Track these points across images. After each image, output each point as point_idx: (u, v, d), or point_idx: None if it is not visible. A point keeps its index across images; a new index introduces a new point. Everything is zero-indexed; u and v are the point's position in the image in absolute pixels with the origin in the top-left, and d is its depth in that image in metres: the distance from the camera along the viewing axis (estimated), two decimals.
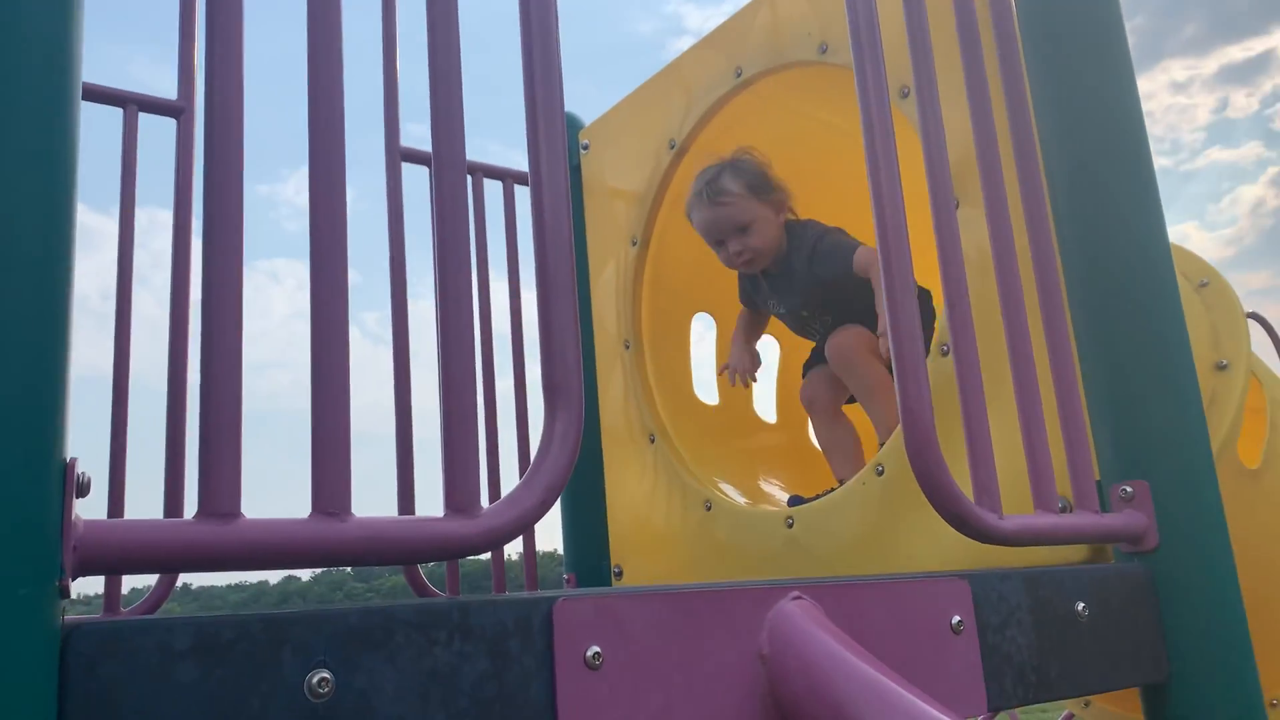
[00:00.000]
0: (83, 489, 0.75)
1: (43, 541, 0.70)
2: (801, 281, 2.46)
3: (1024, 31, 1.64)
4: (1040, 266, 1.49)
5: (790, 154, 2.56)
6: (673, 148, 2.55)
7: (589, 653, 0.94)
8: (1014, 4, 1.64)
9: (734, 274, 2.83)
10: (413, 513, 1.83)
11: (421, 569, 2.51)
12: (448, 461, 0.92)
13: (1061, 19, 1.63)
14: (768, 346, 2.93)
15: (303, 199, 0.93)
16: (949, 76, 1.54)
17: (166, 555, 0.78)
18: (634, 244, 2.64)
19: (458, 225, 0.99)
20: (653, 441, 2.52)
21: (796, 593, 1.08)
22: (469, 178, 2.74)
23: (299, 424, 0.93)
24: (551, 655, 0.92)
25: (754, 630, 1.05)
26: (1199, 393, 1.52)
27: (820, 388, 2.49)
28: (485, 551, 0.93)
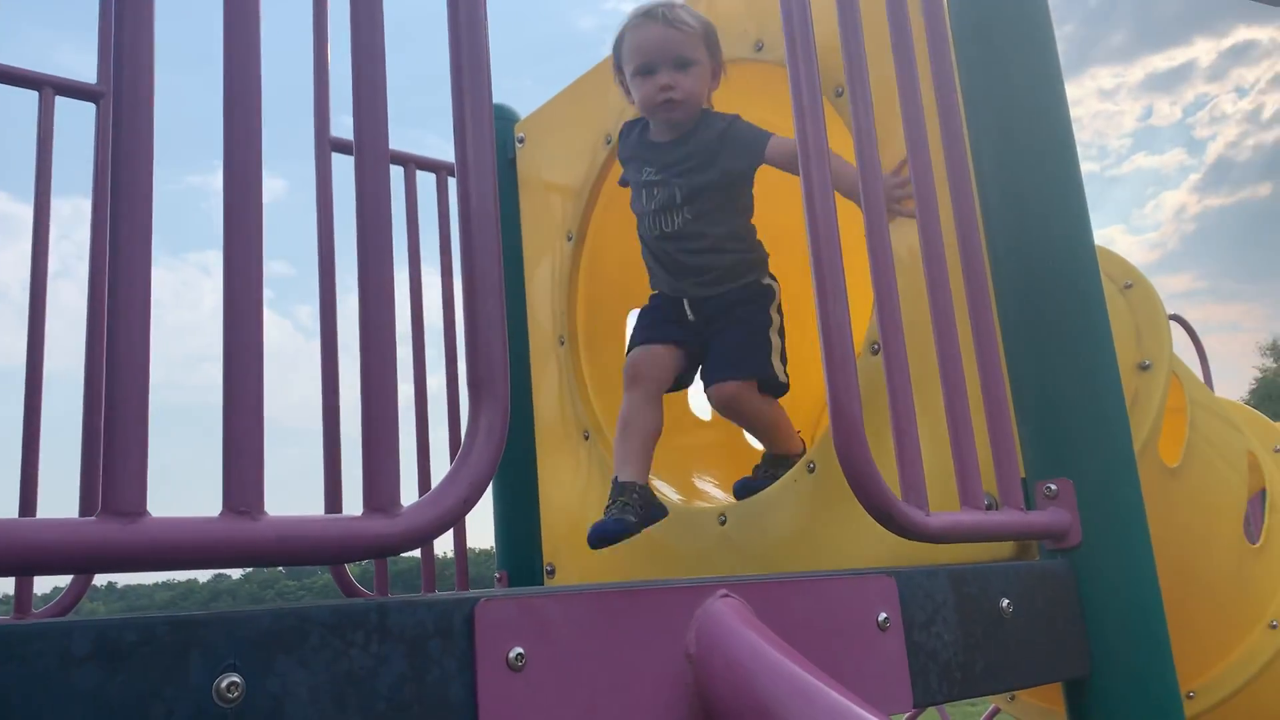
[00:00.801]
0: None
1: None
2: (694, 162, 2.28)
3: (955, 33, 1.66)
4: (968, 267, 1.50)
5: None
6: (609, 143, 2.53)
7: (511, 654, 0.92)
8: (946, 5, 1.66)
9: None
10: (340, 511, 1.80)
11: (350, 568, 2.47)
12: (367, 459, 0.89)
13: (993, 22, 1.64)
14: None
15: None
16: (884, 75, 1.55)
17: (65, 556, 0.75)
18: (569, 239, 2.62)
19: (379, 216, 0.96)
20: (586, 438, 2.50)
21: (724, 591, 1.08)
22: (402, 169, 2.70)
23: None
24: (473, 656, 0.90)
25: (681, 629, 1.04)
26: (1122, 393, 1.55)
27: (654, 369, 2.29)
28: (404, 552, 0.91)
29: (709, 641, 1.02)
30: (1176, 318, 5.32)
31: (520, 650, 0.93)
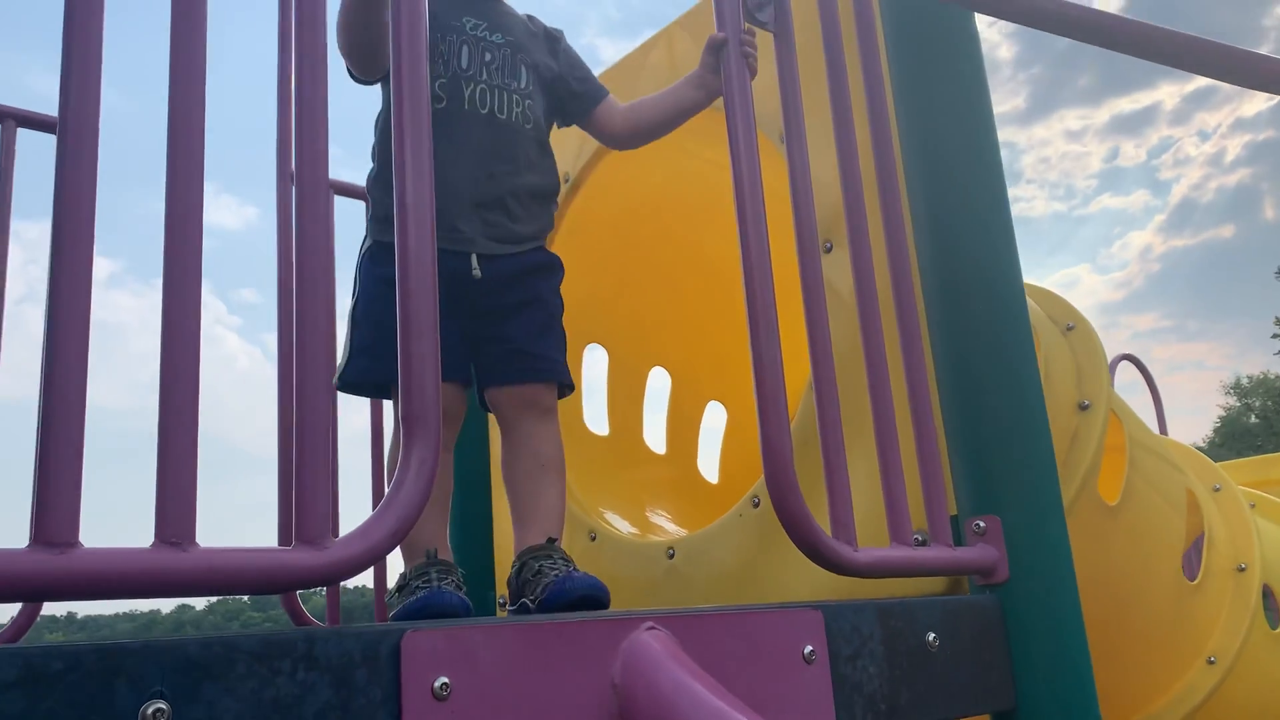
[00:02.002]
0: None
1: None
2: (534, 41, 1.87)
3: (894, 83, 1.72)
4: (901, 310, 1.55)
5: (680, 191, 2.62)
6: (567, 181, 2.58)
7: (437, 683, 0.95)
8: (883, 51, 1.72)
9: (633, 302, 2.88)
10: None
11: (303, 599, 2.48)
12: (298, 490, 0.92)
13: (929, 72, 1.71)
14: (659, 377, 2.97)
15: (208, 218, 0.94)
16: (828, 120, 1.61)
17: None
18: None
19: (316, 246, 1.00)
20: None
21: (650, 624, 1.11)
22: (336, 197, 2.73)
23: (201, 447, 0.91)
24: (399, 686, 0.93)
25: (607, 660, 1.07)
26: (1049, 433, 1.60)
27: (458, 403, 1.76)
28: (332, 584, 0.93)
29: (633, 672, 1.05)
30: (1130, 357, 5.45)
31: (446, 680, 0.95)
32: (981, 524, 1.52)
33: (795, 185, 1.45)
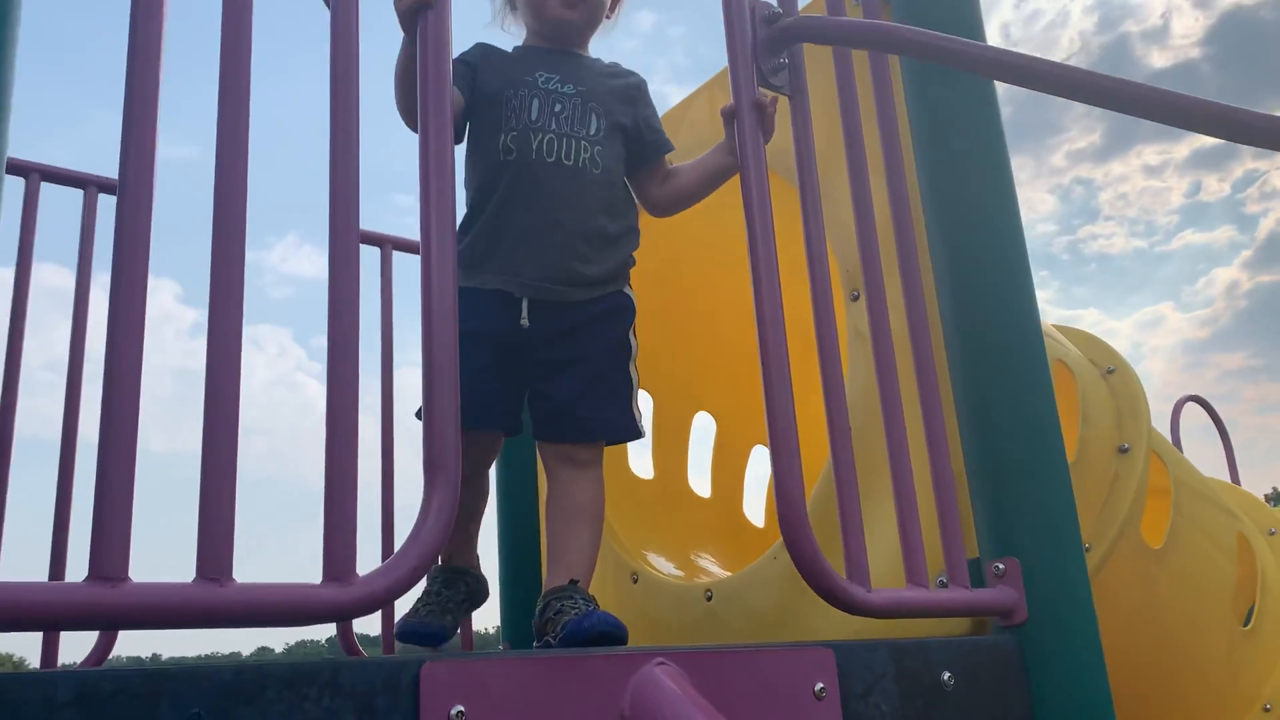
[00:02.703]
0: None
1: None
2: (609, 88, 1.92)
3: (914, 136, 1.78)
4: (919, 356, 1.60)
5: (721, 240, 2.69)
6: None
7: (453, 711, 1.02)
8: (902, 94, 1.78)
9: (677, 349, 2.95)
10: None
11: (357, 630, 2.59)
12: (327, 529, 1.01)
13: (946, 125, 1.76)
14: (703, 422, 3.03)
15: (288, 266, 1.05)
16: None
17: (54, 615, 0.87)
18: None
19: (347, 293, 1.09)
20: None
21: (661, 659, 1.17)
22: (379, 249, 2.85)
23: (276, 490, 1.01)
24: (417, 713, 1.00)
25: (617, 693, 1.13)
26: (1068, 476, 1.63)
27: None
28: (358, 617, 1.01)
29: (642, 705, 1.11)
30: (1197, 399, 5.35)
31: (461, 708, 1.02)
32: (1001, 566, 1.55)
33: (810, 241, 1.52)
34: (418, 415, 1.67)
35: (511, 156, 1.78)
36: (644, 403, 2.97)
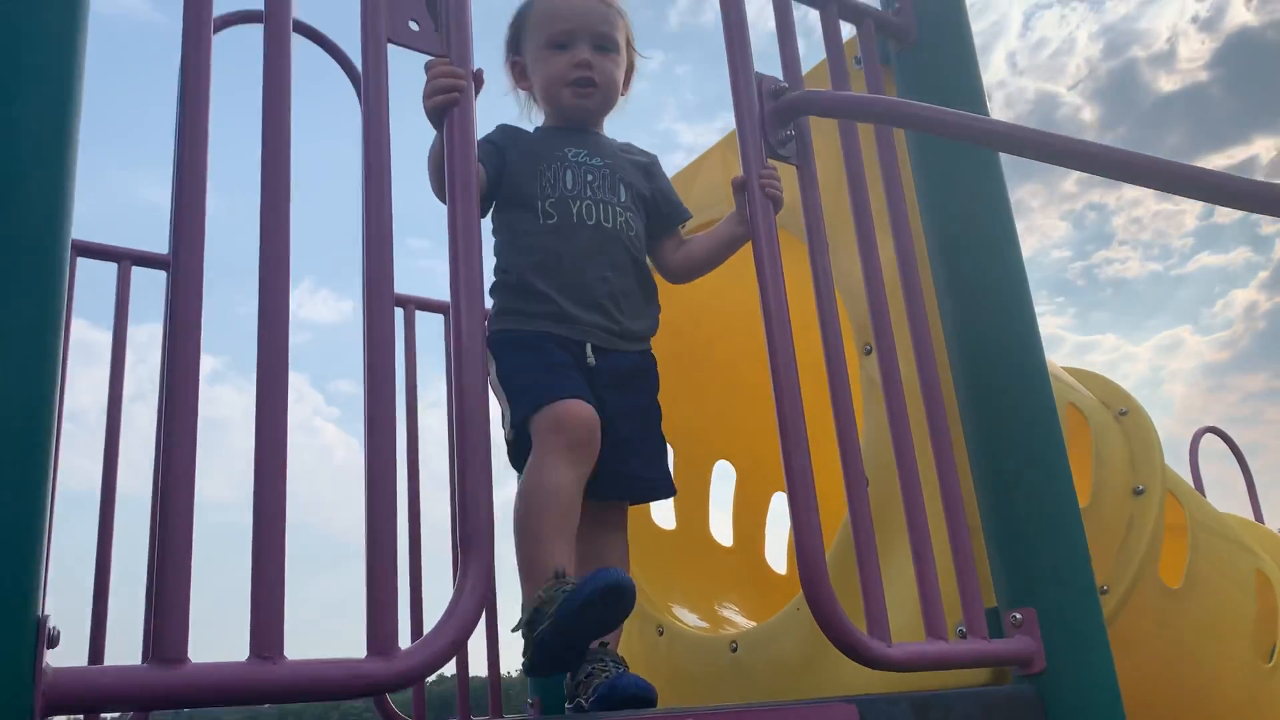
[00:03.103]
0: (53, 641, 0.90)
1: (17, 689, 0.84)
2: (630, 162, 2.03)
3: (919, 192, 1.85)
4: (932, 411, 1.65)
5: (736, 293, 2.75)
6: None
7: None
8: (907, 156, 1.85)
9: (696, 400, 3.00)
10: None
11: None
12: (370, 605, 1.06)
13: (949, 185, 1.83)
14: (724, 471, 3.08)
15: (305, 312, 1.11)
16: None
17: (123, 698, 0.92)
18: None
19: (383, 363, 1.15)
20: None
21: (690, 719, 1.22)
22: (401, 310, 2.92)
23: (293, 534, 1.07)
24: None
25: None
26: (1081, 525, 1.67)
27: (595, 439, 1.80)
28: (399, 690, 1.07)
29: None
30: (1216, 430, 5.36)
31: None
32: (1018, 616, 1.59)
33: (820, 302, 1.58)
34: (513, 429, 1.69)
35: (553, 221, 1.88)
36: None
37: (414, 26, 1.30)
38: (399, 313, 2.95)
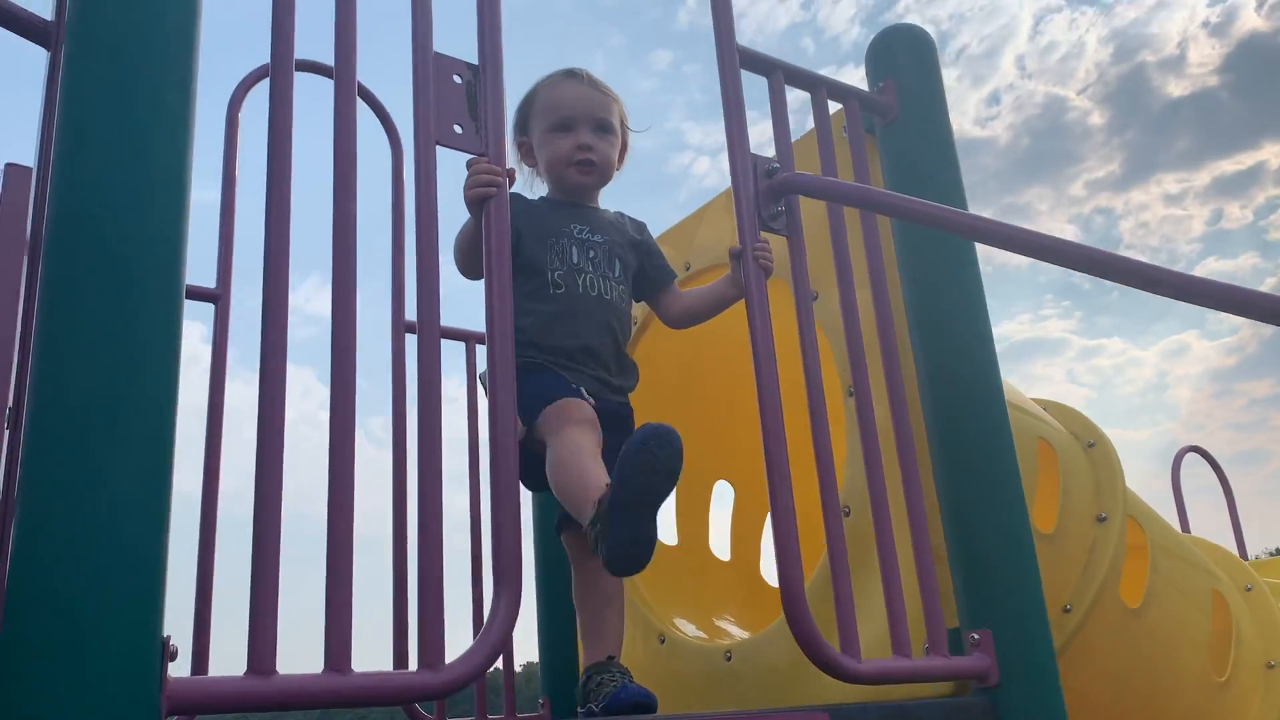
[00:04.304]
0: (173, 656, 1.13)
1: (147, 697, 1.06)
2: (623, 237, 2.28)
3: (899, 253, 2.07)
4: (903, 451, 1.87)
5: (736, 324, 2.97)
6: (635, 323, 2.96)
7: None
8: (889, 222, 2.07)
9: (698, 421, 3.22)
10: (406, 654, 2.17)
11: None
12: (421, 624, 1.29)
13: (925, 251, 2.05)
14: (721, 491, 3.30)
15: (312, 307, 1.33)
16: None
17: (225, 703, 1.15)
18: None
19: (433, 394, 1.37)
20: None
21: None
22: (463, 344, 3.14)
23: (289, 526, 1.27)
24: None
25: None
26: (1034, 554, 1.89)
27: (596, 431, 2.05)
28: (446, 697, 1.29)
29: None
30: (1197, 449, 5.56)
31: None
32: (975, 636, 1.81)
33: (806, 359, 1.80)
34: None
35: (561, 291, 2.16)
36: None
37: (458, 129, 1.52)
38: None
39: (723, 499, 3.29)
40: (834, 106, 2.10)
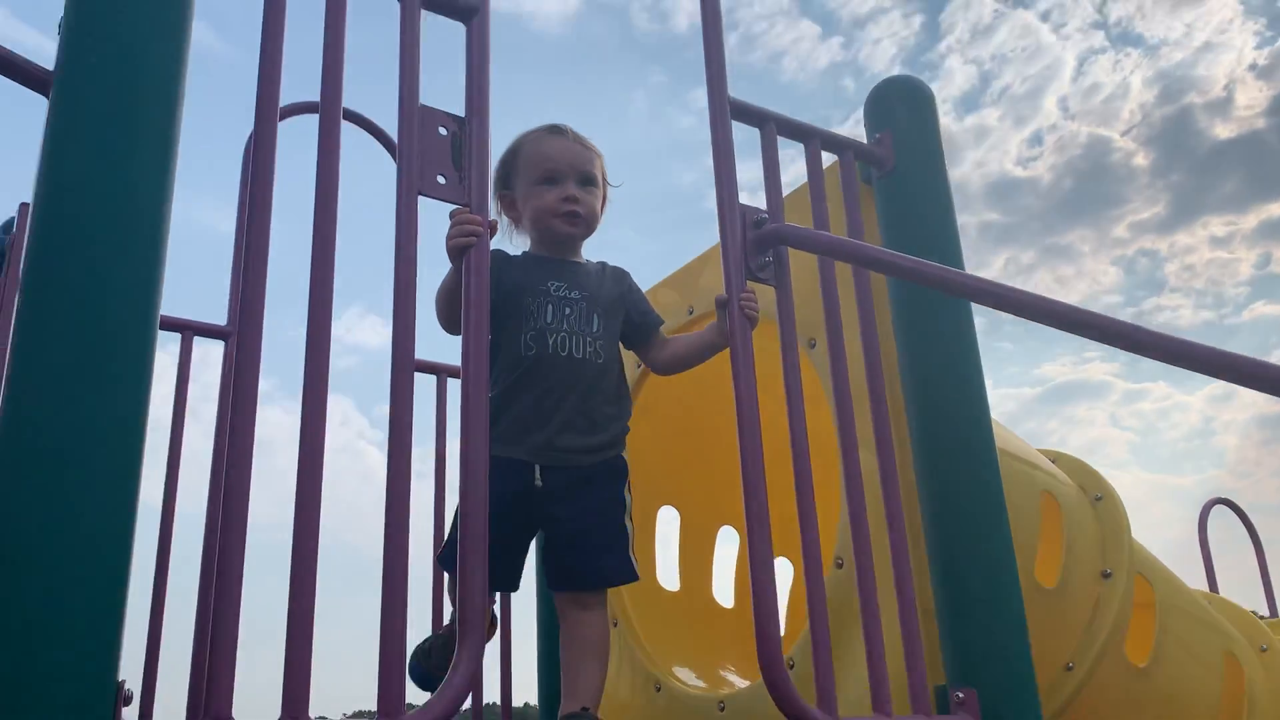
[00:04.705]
0: (127, 700, 1.14)
1: None
2: (604, 290, 2.29)
3: (892, 304, 2.06)
4: (889, 506, 1.86)
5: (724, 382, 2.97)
6: (639, 368, 2.97)
7: None
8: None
9: (703, 467, 3.21)
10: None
11: None
12: (382, 673, 1.29)
13: (919, 303, 2.04)
14: (727, 536, 3.28)
15: (352, 337, 1.38)
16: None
17: None
18: None
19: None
20: (615, 625, 2.85)
21: None
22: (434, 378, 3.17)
23: (330, 556, 1.30)
24: None
25: None
26: (1023, 616, 1.86)
27: None
28: None
29: None
30: (1225, 501, 5.46)
31: None
32: (960, 694, 1.78)
33: (790, 406, 1.80)
34: (441, 560, 1.98)
35: (532, 352, 2.16)
36: (670, 517, 3.24)
37: (441, 180, 1.55)
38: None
39: (727, 543, 3.27)
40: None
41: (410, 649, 2.27)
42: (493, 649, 2.86)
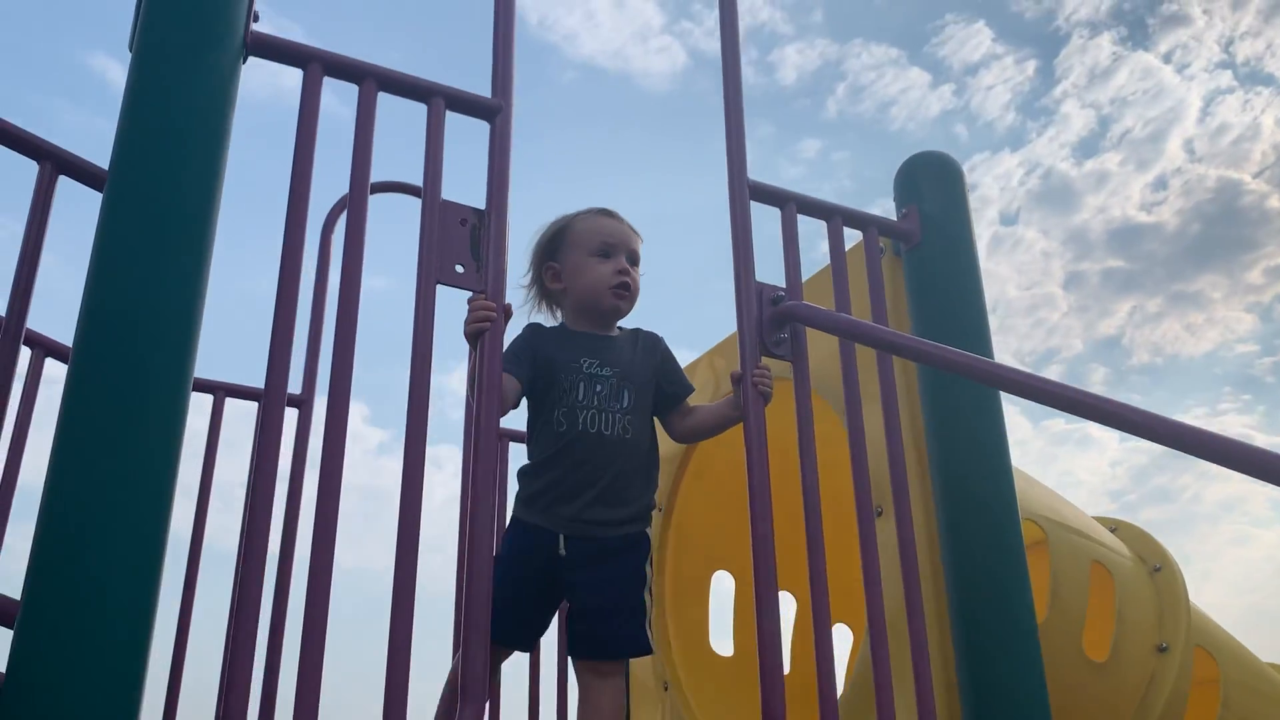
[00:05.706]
0: None
1: None
2: (637, 366, 2.34)
3: (920, 381, 2.09)
4: (908, 581, 1.87)
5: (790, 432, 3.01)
6: None
7: None
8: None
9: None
10: None
11: None
12: None
13: (943, 380, 2.07)
14: (783, 601, 3.28)
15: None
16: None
17: None
18: (659, 510, 3.10)
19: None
20: (666, 689, 2.89)
21: None
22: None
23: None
24: None
25: None
26: (1045, 691, 1.85)
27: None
28: None
29: None
30: None
31: None
32: None
33: (805, 478, 1.84)
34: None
35: (563, 429, 2.23)
36: (726, 582, 3.26)
37: (459, 269, 1.66)
38: None
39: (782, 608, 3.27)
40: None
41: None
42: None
